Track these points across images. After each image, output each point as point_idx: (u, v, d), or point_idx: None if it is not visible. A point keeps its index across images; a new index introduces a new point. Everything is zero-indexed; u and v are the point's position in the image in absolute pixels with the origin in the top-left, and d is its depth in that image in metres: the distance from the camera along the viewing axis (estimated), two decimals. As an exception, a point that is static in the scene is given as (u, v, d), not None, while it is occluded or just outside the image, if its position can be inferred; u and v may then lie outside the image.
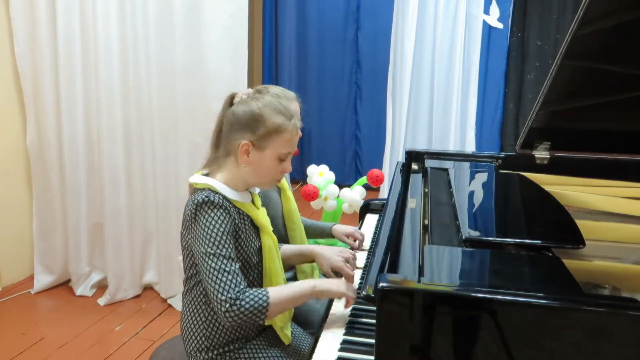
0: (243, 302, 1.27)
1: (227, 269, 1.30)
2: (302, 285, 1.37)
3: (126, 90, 2.79)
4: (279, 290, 1.34)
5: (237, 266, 1.33)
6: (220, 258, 1.30)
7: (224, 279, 1.28)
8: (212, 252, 1.30)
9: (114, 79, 2.76)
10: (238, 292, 1.28)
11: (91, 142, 2.89)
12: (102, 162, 2.84)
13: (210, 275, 1.29)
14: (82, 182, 2.93)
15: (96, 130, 2.84)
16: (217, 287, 1.28)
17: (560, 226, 1.35)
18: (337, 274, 1.63)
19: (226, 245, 1.31)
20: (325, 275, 1.65)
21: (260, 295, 1.29)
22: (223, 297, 1.27)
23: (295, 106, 1.77)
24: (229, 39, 2.65)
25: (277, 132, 1.37)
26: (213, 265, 1.30)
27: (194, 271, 1.41)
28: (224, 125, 1.39)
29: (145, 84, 2.77)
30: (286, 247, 1.64)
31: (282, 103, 1.41)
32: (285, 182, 1.89)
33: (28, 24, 2.82)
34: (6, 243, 3.03)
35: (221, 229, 1.31)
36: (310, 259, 1.69)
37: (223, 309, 1.27)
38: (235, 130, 1.37)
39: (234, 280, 1.29)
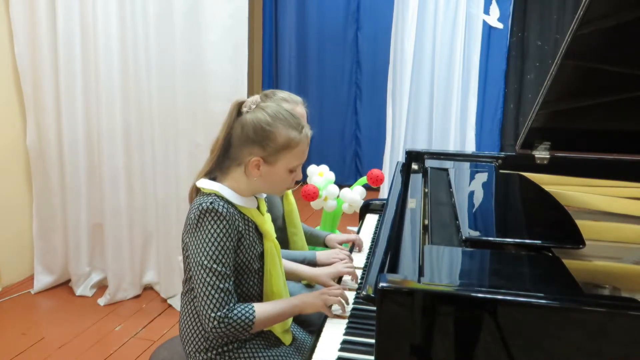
0: (231, 320, 1.30)
1: (221, 286, 1.30)
2: (286, 304, 1.41)
3: (126, 90, 2.79)
4: (264, 308, 1.37)
5: (231, 283, 1.33)
6: (216, 274, 1.30)
7: (216, 295, 1.30)
8: (209, 266, 1.30)
9: (114, 79, 2.76)
10: (227, 310, 1.30)
11: (91, 142, 2.89)
12: (102, 162, 2.84)
13: (203, 289, 1.30)
14: (82, 182, 2.93)
15: (96, 130, 2.84)
16: (208, 302, 1.30)
17: (560, 226, 1.35)
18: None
19: (223, 261, 1.31)
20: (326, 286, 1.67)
21: (247, 314, 1.32)
22: (213, 315, 1.29)
23: (301, 109, 1.79)
24: (229, 39, 2.65)
25: (288, 148, 1.36)
26: (207, 279, 1.30)
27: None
28: (233, 135, 1.37)
29: (145, 84, 2.77)
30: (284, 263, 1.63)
31: (292, 114, 1.39)
32: None
33: (28, 24, 2.81)
34: (6, 243, 3.03)
35: (222, 243, 1.31)
36: (305, 279, 1.71)
37: (211, 325, 1.30)
38: (244, 144, 1.35)
39: (225, 299, 1.30)
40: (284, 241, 1.89)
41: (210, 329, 1.30)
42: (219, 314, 1.29)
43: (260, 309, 1.35)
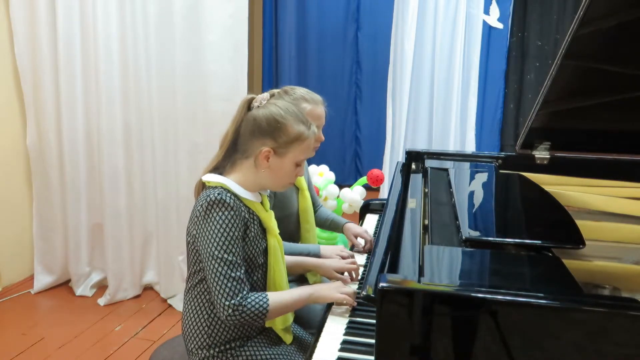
0: (245, 308, 1.32)
1: (233, 274, 1.32)
2: (300, 292, 1.43)
3: (126, 90, 2.79)
4: (278, 296, 1.39)
5: (242, 271, 1.35)
6: (227, 263, 1.32)
7: (229, 284, 1.32)
8: (220, 256, 1.32)
9: (114, 79, 2.76)
10: (241, 298, 1.33)
11: (91, 142, 2.89)
12: (102, 162, 2.84)
13: (216, 279, 1.32)
14: (82, 182, 2.93)
15: (96, 130, 2.84)
16: (222, 291, 1.32)
17: (560, 226, 1.35)
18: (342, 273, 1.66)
19: (234, 250, 1.33)
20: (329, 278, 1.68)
21: (261, 302, 1.34)
22: (227, 303, 1.31)
23: (321, 110, 1.79)
24: (229, 39, 2.65)
25: (298, 140, 1.39)
26: (219, 269, 1.32)
27: (198, 267, 1.42)
28: (243, 128, 1.40)
29: (145, 85, 2.77)
30: (287, 259, 1.64)
31: (300, 111, 1.43)
32: (304, 182, 1.90)
33: (28, 24, 2.81)
34: (6, 243, 3.03)
35: (231, 233, 1.33)
36: (310, 269, 1.71)
37: (226, 314, 1.32)
38: (256, 135, 1.38)
39: (238, 287, 1.33)
40: (295, 237, 1.89)
41: (225, 317, 1.32)
42: (232, 302, 1.31)
43: (274, 297, 1.37)
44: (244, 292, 1.33)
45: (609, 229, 1.46)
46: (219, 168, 1.44)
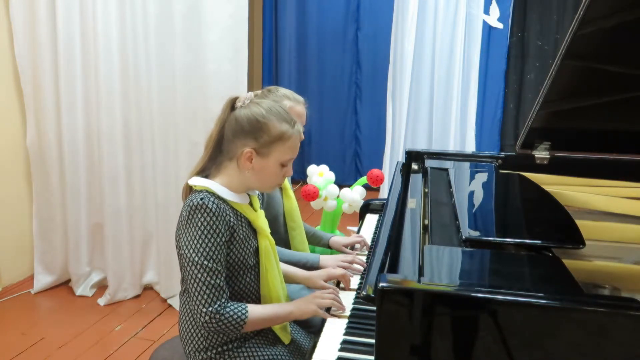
0: (222, 318, 1.31)
1: (212, 282, 1.31)
2: (280, 310, 1.42)
3: (126, 90, 2.79)
4: (259, 309, 1.38)
5: (222, 278, 1.34)
6: (207, 270, 1.31)
7: (207, 291, 1.31)
8: (200, 262, 1.31)
9: (114, 79, 2.76)
10: (219, 306, 1.31)
11: (91, 142, 2.89)
12: (102, 162, 2.84)
13: (195, 285, 1.31)
14: (82, 182, 2.93)
15: (96, 130, 2.84)
16: (200, 298, 1.31)
17: (560, 226, 1.35)
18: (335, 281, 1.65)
19: (214, 257, 1.32)
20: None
21: (239, 313, 1.33)
22: (204, 310, 1.31)
23: (301, 109, 1.81)
24: (229, 39, 2.65)
25: (280, 140, 1.37)
26: (199, 276, 1.31)
27: None
28: (226, 129, 1.39)
29: (145, 84, 2.76)
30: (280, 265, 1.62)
31: (285, 110, 1.41)
32: (287, 182, 1.90)
33: (28, 24, 2.81)
34: (6, 243, 3.03)
35: (212, 239, 1.31)
36: (299, 282, 1.70)
37: (202, 320, 1.31)
38: (238, 136, 1.36)
39: (216, 294, 1.32)
40: (285, 239, 1.89)
41: (202, 324, 1.32)
42: (210, 309, 1.30)
43: (254, 310, 1.36)
44: (222, 300, 1.32)
45: (609, 229, 1.46)
46: (205, 170, 1.42)
